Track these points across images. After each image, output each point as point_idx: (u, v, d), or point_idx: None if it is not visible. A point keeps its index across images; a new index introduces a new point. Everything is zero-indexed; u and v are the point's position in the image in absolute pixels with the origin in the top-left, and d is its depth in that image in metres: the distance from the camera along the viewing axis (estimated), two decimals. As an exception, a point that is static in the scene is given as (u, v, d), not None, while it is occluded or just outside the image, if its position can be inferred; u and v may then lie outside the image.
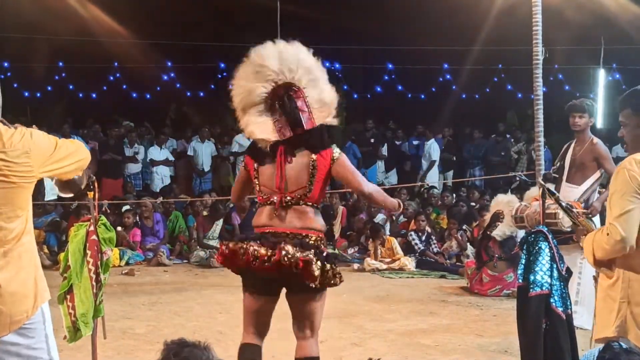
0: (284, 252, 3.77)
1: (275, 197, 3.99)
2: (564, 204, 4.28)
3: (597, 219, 6.61)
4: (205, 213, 11.95)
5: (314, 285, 3.83)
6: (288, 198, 3.98)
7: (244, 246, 3.88)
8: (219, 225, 11.59)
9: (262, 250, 3.83)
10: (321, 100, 4.07)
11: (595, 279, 3.95)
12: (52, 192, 4.58)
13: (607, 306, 3.66)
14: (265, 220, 4.02)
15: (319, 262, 3.82)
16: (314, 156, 3.97)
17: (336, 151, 4.05)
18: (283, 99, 4.00)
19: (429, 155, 14.82)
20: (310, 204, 4.01)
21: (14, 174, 3.01)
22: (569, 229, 6.09)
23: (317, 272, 3.80)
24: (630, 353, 2.76)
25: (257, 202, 4.16)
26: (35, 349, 3.14)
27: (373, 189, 4.22)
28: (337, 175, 4.08)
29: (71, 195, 3.81)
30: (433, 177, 14.78)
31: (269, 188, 4.02)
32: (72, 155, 3.26)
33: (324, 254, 3.91)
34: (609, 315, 3.64)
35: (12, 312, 3.05)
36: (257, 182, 4.08)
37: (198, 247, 11.29)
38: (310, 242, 3.93)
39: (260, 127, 4.01)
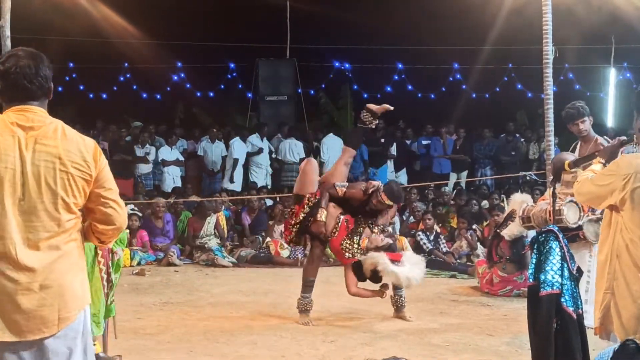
0: None
1: None
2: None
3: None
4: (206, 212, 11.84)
5: None
6: None
7: None
8: (210, 223, 11.44)
9: None
10: None
11: None
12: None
13: (598, 291, 3.73)
14: None
15: None
16: None
17: None
18: None
19: (230, 154, 14.56)
20: None
21: (73, 165, 3.02)
22: (574, 226, 6.07)
23: None
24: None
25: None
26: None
27: None
28: None
29: None
30: (238, 177, 14.64)
31: None
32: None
33: None
34: (597, 304, 3.72)
35: (61, 308, 2.94)
36: None
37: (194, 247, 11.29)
38: None
39: None
